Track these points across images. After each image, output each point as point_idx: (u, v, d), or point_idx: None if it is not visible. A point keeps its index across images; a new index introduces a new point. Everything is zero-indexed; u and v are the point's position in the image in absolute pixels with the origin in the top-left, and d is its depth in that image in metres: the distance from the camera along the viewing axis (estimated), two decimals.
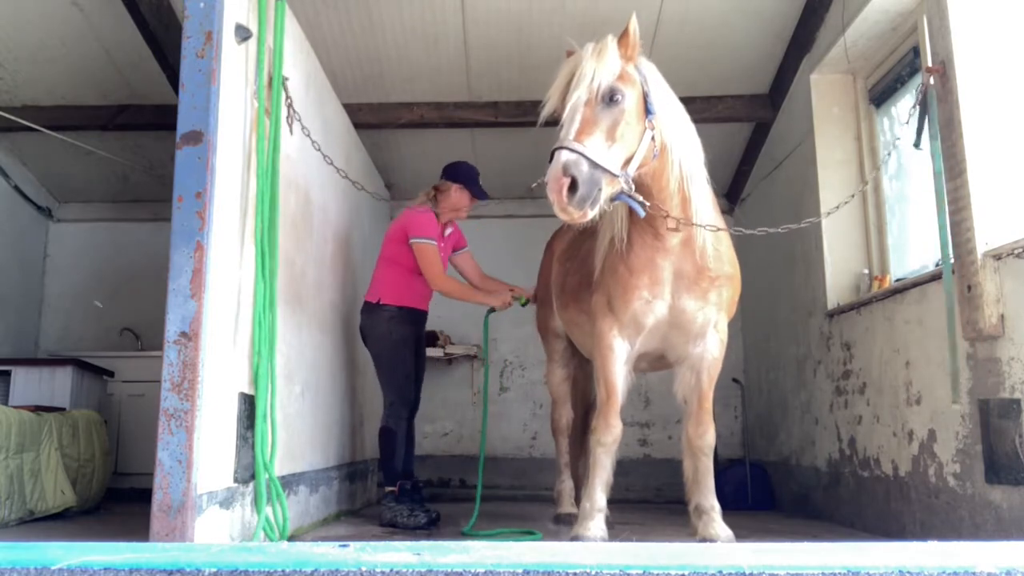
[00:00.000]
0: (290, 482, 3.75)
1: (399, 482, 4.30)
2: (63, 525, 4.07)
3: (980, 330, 3.11)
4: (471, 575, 1.31)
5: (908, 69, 4.24)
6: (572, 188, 2.75)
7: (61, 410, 4.63)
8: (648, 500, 6.06)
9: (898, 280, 4.18)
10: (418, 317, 4.60)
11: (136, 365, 5.76)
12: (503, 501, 5.82)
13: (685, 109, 3.30)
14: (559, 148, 2.81)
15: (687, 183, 3.22)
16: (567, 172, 2.75)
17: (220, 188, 3.00)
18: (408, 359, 4.48)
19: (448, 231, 4.65)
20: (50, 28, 4.93)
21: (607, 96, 2.90)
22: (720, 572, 1.31)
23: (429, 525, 4.20)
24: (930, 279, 3.60)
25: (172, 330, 2.80)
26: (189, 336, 2.79)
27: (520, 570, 1.32)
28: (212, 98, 2.95)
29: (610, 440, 3.44)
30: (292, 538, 3.57)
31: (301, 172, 4.03)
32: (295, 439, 3.88)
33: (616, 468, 3.50)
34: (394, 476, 4.33)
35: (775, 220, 4.58)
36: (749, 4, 4.76)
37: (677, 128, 3.18)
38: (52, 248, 6.78)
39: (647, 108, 3.03)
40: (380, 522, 4.31)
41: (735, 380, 6.31)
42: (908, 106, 3.70)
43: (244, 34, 3.24)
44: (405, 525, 4.16)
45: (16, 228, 6.37)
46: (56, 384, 5.00)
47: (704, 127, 3.47)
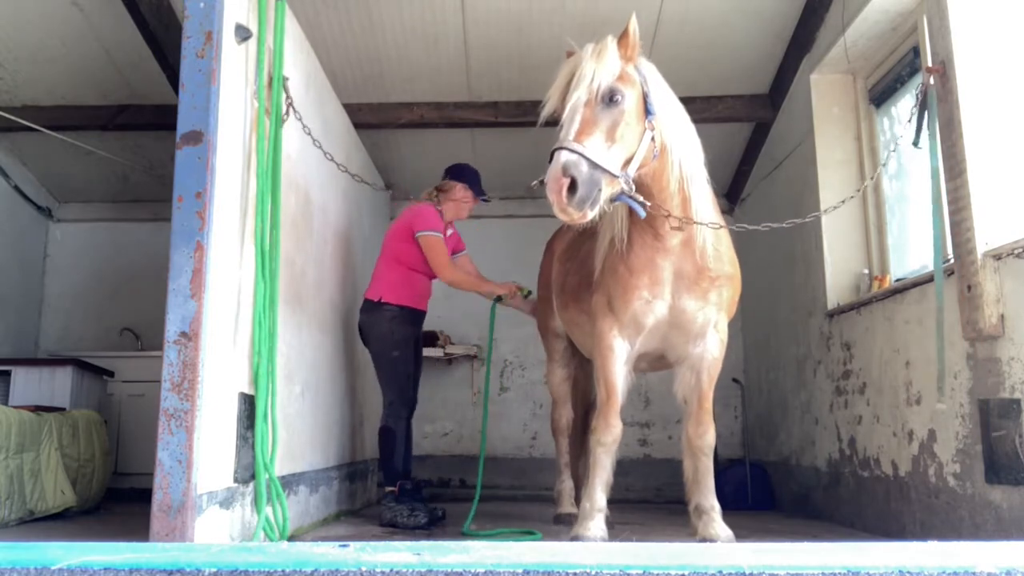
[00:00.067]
0: (290, 482, 3.75)
1: (399, 482, 4.30)
2: (63, 525, 4.07)
3: (980, 330, 3.11)
4: (471, 575, 1.31)
5: (908, 69, 4.24)
6: (572, 188, 2.74)
7: (61, 410, 4.63)
8: (648, 500, 6.06)
9: (898, 280, 4.18)
10: (419, 317, 4.60)
11: (136, 365, 5.76)
12: (503, 501, 5.82)
13: (685, 109, 3.29)
14: (559, 148, 2.81)
15: (687, 183, 3.21)
16: (567, 172, 2.74)
17: (220, 188, 3.00)
18: (409, 359, 4.49)
19: (449, 232, 4.65)
20: (50, 28, 4.93)
21: (607, 96, 2.90)
22: (720, 572, 1.31)
23: (429, 525, 4.20)
24: (930, 279, 3.59)
25: (172, 330, 2.80)
26: (189, 336, 2.79)
27: (520, 570, 1.32)
28: (212, 98, 2.95)
29: (610, 440, 3.44)
30: (292, 538, 3.57)
31: (301, 172, 4.03)
32: (295, 439, 3.88)
33: (616, 468, 3.50)
34: (394, 476, 4.33)
35: (775, 220, 4.58)
36: (749, 4, 4.76)
37: (677, 128, 3.18)
38: (52, 248, 6.78)
39: (647, 108, 3.02)
40: (380, 522, 4.30)
41: (735, 380, 6.31)
42: (908, 106, 3.70)
43: (244, 34, 3.24)
44: (405, 525, 4.16)
45: (16, 228, 6.37)
46: (56, 384, 5.00)
47: (704, 127, 3.47)
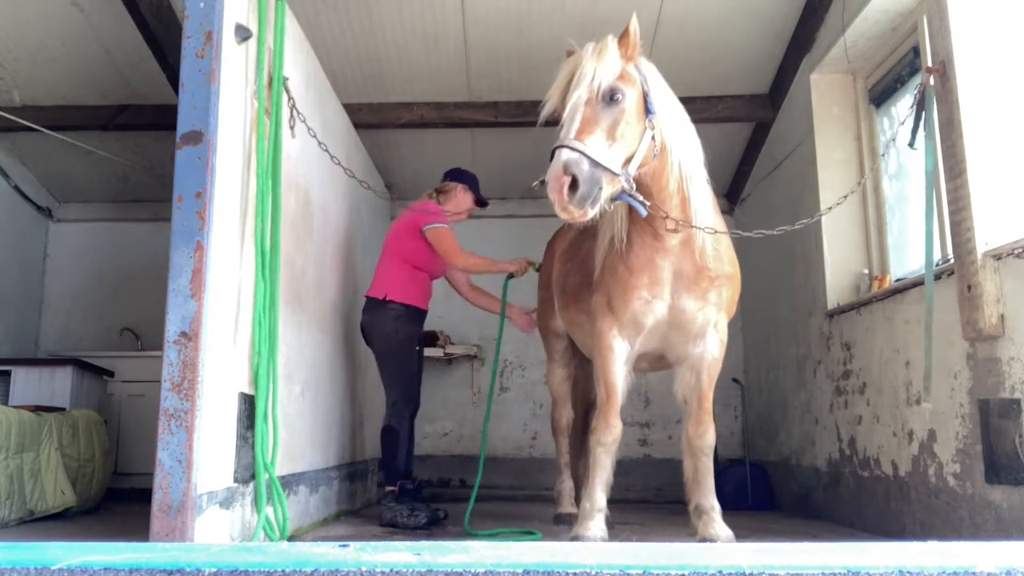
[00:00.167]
0: (290, 482, 3.75)
1: (400, 482, 4.30)
2: (63, 525, 4.07)
3: (980, 330, 3.11)
4: (471, 575, 1.31)
5: (908, 69, 4.24)
6: (573, 187, 2.74)
7: (61, 410, 4.63)
8: (648, 500, 6.06)
9: (898, 280, 4.18)
10: (422, 316, 4.61)
11: (136, 365, 5.76)
12: (503, 501, 5.82)
13: (685, 109, 3.29)
14: (560, 147, 2.81)
15: (687, 183, 3.21)
16: (568, 171, 2.74)
17: (220, 188, 3.00)
18: (413, 358, 4.49)
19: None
20: (50, 28, 4.93)
21: (608, 95, 2.90)
22: (720, 572, 1.31)
23: (429, 525, 4.19)
24: None
25: (172, 330, 2.80)
26: (189, 336, 2.79)
27: (520, 570, 1.31)
28: (212, 98, 2.95)
29: (610, 440, 3.44)
30: (292, 538, 3.57)
31: (301, 172, 4.03)
32: (295, 439, 3.88)
33: (616, 468, 3.50)
34: (395, 476, 4.32)
35: (775, 220, 4.58)
36: (749, 4, 4.76)
37: (677, 128, 3.18)
38: (52, 248, 6.79)
39: (647, 108, 3.02)
40: (380, 522, 4.30)
41: (735, 380, 6.31)
42: (908, 106, 3.69)
43: (244, 34, 3.24)
44: (405, 525, 4.16)
45: (16, 228, 6.37)
46: (56, 384, 5.00)
47: (704, 127, 3.47)
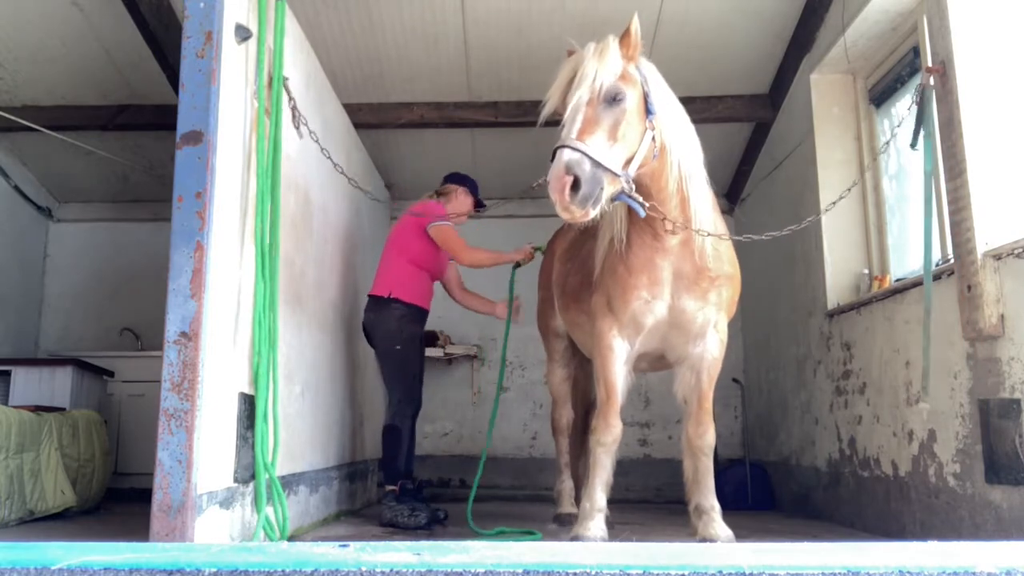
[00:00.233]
0: (290, 482, 3.75)
1: (400, 482, 4.30)
2: (63, 525, 4.07)
3: (980, 330, 3.11)
4: (471, 575, 1.31)
5: (908, 69, 4.24)
6: (575, 187, 2.73)
7: (61, 410, 4.63)
8: (648, 500, 6.06)
9: (898, 280, 4.18)
10: (424, 316, 4.62)
11: (136, 365, 5.76)
12: (503, 501, 5.82)
13: (685, 109, 3.29)
14: (561, 147, 2.80)
15: (686, 184, 3.21)
16: (570, 171, 2.73)
17: (220, 188, 3.00)
18: (417, 358, 4.50)
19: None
20: (50, 28, 4.93)
21: (609, 96, 2.89)
22: (720, 572, 1.31)
23: (430, 525, 4.19)
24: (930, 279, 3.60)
25: (172, 330, 2.80)
26: (189, 336, 2.79)
27: (520, 570, 1.31)
28: (212, 98, 2.95)
29: (610, 440, 3.44)
30: (292, 538, 3.57)
31: (301, 172, 4.03)
32: (295, 439, 3.87)
33: (616, 468, 3.50)
34: (396, 475, 4.32)
35: (775, 220, 4.59)
36: (749, 4, 4.76)
37: (677, 129, 3.18)
38: (52, 248, 6.79)
39: (647, 108, 3.02)
40: (380, 521, 4.30)
41: (735, 380, 6.30)
42: (907, 106, 3.69)
43: (244, 34, 3.24)
44: (406, 525, 4.16)
45: (16, 228, 6.37)
46: (56, 384, 5.00)
47: (704, 127, 3.46)
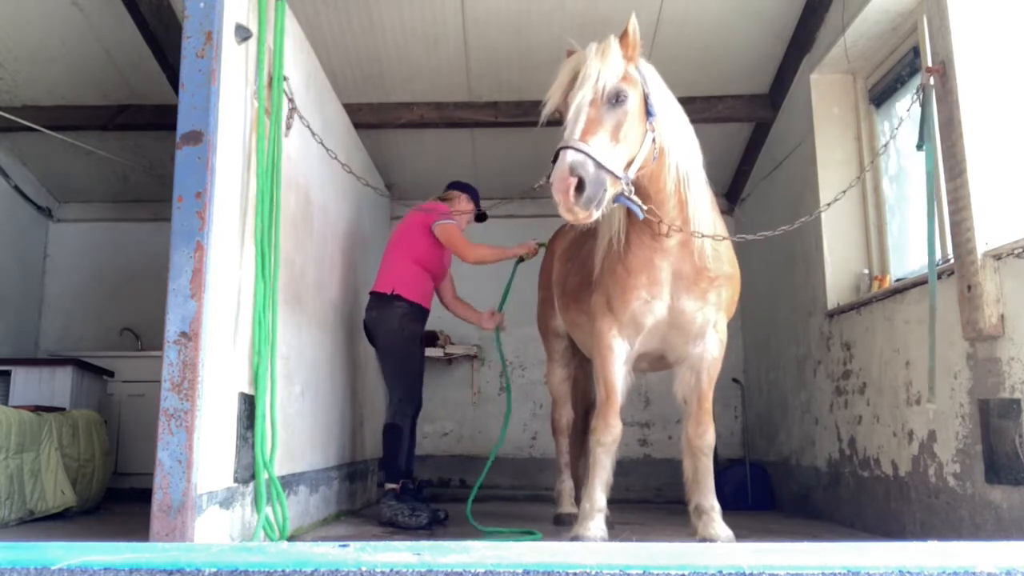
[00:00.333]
0: (290, 482, 3.75)
1: (402, 481, 4.30)
2: (63, 525, 4.07)
3: (980, 330, 3.11)
4: (471, 575, 1.31)
5: (908, 69, 4.24)
6: (579, 188, 2.72)
7: (61, 410, 4.63)
8: (648, 500, 6.06)
9: (898, 280, 4.18)
10: (425, 315, 4.64)
11: (136, 365, 5.76)
12: (503, 501, 5.82)
13: (685, 109, 3.29)
14: (565, 148, 2.78)
15: (684, 185, 3.20)
16: (574, 172, 2.72)
17: (220, 188, 3.00)
18: (417, 357, 4.51)
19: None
20: (50, 28, 4.93)
21: (612, 97, 2.88)
22: (720, 572, 1.31)
23: (430, 525, 4.18)
24: None
25: (172, 330, 2.80)
26: (189, 336, 2.79)
27: (520, 570, 1.31)
28: (212, 98, 2.95)
29: (610, 440, 3.44)
30: (292, 538, 3.56)
31: (301, 172, 4.03)
32: (295, 439, 3.87)
33: (616, 468, 3.50)
34: (396, 474, 4.31)
35: (775, 220, 4.58)
36: (749, 4, 4.76)
37: (676, 130, 3.17)
38: (52, 248, 6.79)
39: (648, 110, 3.01)
40: (379, 520, 4.29)
41: (735, 380, 6.30)
42: (908, 106, 3.69)
43: (244, 34, 3.24)
44: (407, 525, 4.15)
45: (16, 228, 6.37)
46: (56, 384, 5.00)
47: (704, 127, 3.47)
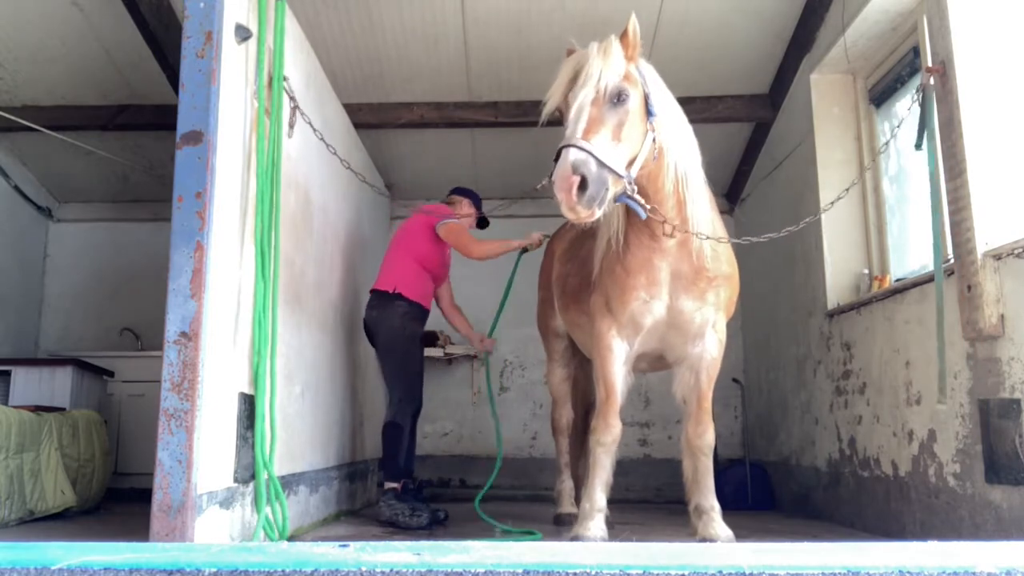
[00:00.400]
0: (290, 482, 3.75)
1: (403, 480, 4.29)
2: (63, 525, 4.07)
3: (980, 330, 3.11)
4: (471, 575, 1.31)
5: (908, 69, 4.24)
6: (582, 187, 2.71)
7: (61, 410, 4.63)
8: (648, 500, 6.06)
9: (898, 280, 4.18)
10: (425, 316, 4.65)
11: (136, 365, 5.76)
12: (503, 501, 5.81)
13: (685, 109, 3.29)
14: (567, 146, 2.77)
15: (683, 186, 3.20)
16: (577, 170, 2.71)
17: (220, 188, 3.00)
18: (417, 357, 4.52)
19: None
20: (50, 28, 4.93)
21: (614, 96, 2.88)
22: (720, 572, 1.31)
23: (430, 525, 4.18)
24: (930, 279, 3.59)
25: (172, 330, 2.80)
26: (189, 336, 2.79)
27: (520, 570, 1.31)
28: (212, 98, 2.95)
29: (609, 440, 3.44)
30: (292, 538, 3.56)
31: (301, 172, 4.03)
32: (295, 439, 3.88)
33: (616, 468, 3.50)
34: (396, 473, 4.31)
35: (775, 220, 4.59)
36: (749, 4, 4.76)
37: (675, 130, 3.17)
38: (52, 248, 6.79)
39: (648, 110, 3.01)
40: (379, 519, 4.28)
41: (735, 380, 6.30)
42: (908, 106, 3.69)
43: (244, 34, 3.24)
44: (407, 525, 4.15)
45: (16, 228, 6.37)
46: (56, 384, 5.00)
47: (704, 127, 3.47)
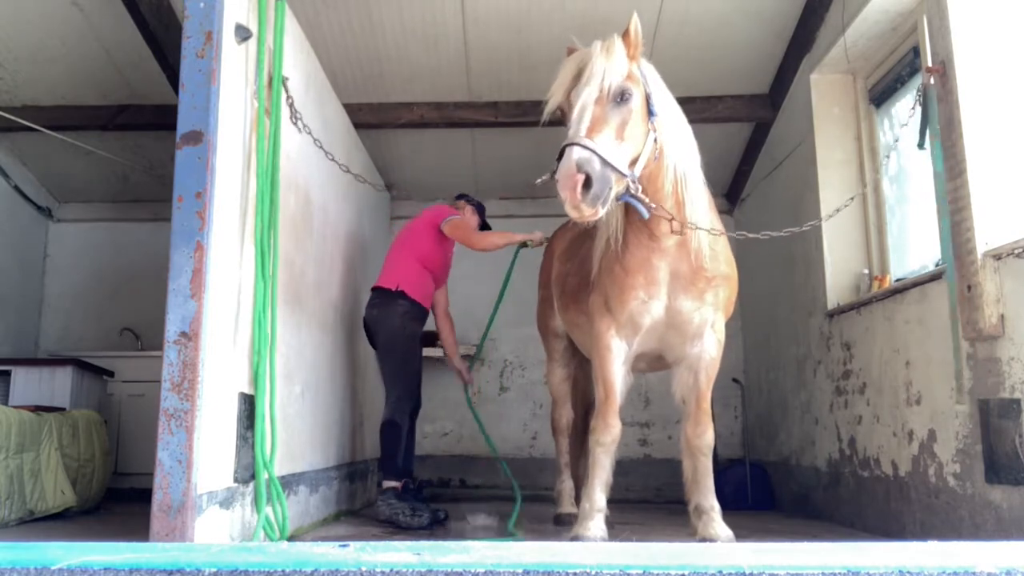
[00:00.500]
0: (290, 482, 3.75)
1: (404, 480, 4.29)
2: (63, 525, 4.07)
3: (980, 330, 3.10)
4: (471, 575, 1.31)
5: (908, 69, 4.24)
6: (586, 185, 2.71)
7: (61, 410, 4.63)
8: (648, 500, 6.06)
9: (898, 280, 4.18)
10: (425, 316, 4.67)
11: (136, 365, 5.76)
12: (503, 501, 5.80)
13: (685, 109, 3.29)
14: (571, 144, 2.77)
15: (682, 186, 3.20)
16: (581, 169, 2.71)
17: (220, 188, 3.01)
18: (416, 356, 4.52)
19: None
20: (50, 28, 4.93)
21: (617, 95, 2.88)
22: (720, 572, 1.31)
23: (431, 525, 4.18)
24: (930, 279, 3.59)
25: (172, 330, 2.80)
26: (189, 336, 2.79)
27: (520, 570, 1.31)
28: (212, 98, 2.95)
29: (609, 440, 3.44)
30: (292, 538, 3.56)
31: (301, 172, 4.03)
32: (295, 439, 3.87)
33: (616, 468, 3.50)
34: (396, 472, 4.31)
35: (775, 220, 4.59)
36: (749, 4, 4.76)
37: (675, 130, 3.18)
38: (52, 248, 6.79)
39: (650, 109, 3.01)
40: (377, 518, 4.26)
41: (735, 380, 6.30)
42: (908, 106, 3.69)
43: (244, 34, 3.24)
44: (408, 525, 4.14)
45: (16, 228, 6.37)
46: (56, 384, 5.00)
47: (704, 127, 3.47)
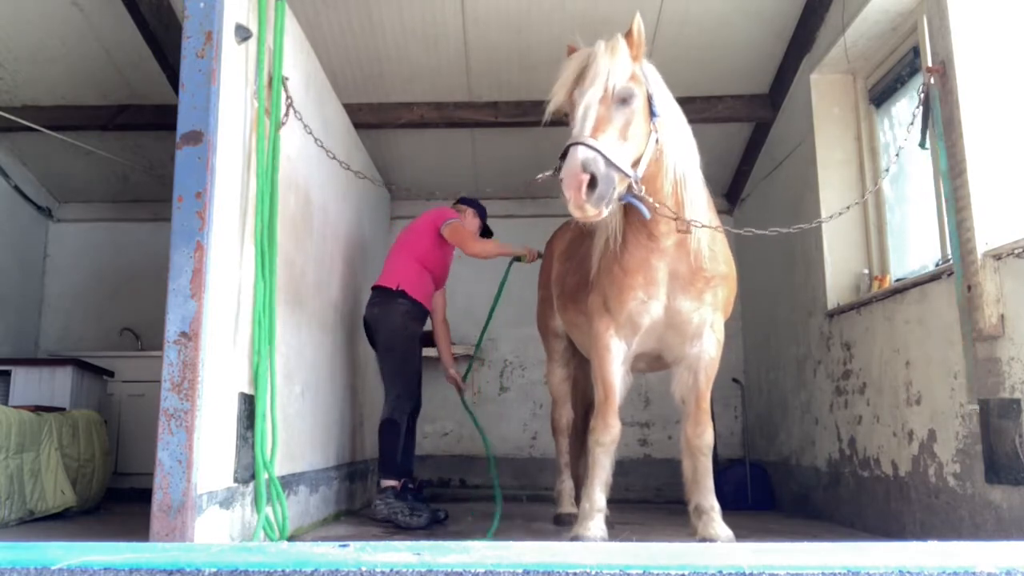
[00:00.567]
0: (290, 482, 3.75)
1: (403, 480, 4.29)
2: (63, 525, 4.07)
3: (980, 330, 3.10)
4: (471, 575, 1.31)
5: (908, 69, 4.24)
6: (591, 185, 2.71)
7: (61, 410, 4.63)
8: (648, 500, 6.06)
9: (898, 280, 4.18)
10: (425, 316, 4.67)
11: (136, 365, 5.76)
12: (503, 501, 5.80)
13: (685, 109, 3.29)
14: (575, 144, 2.77)
15: (681, 187, 3.20)
16: (586, 168, 2.71)
17: (220, 188, 3.01)
18: (416, 356, 4.52)
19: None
20: (50, 28, 4.93)
21: (621, 95, 2.88)
22: (720, 572, 1.31)
23: (430, 525, 4.18)
24: (930, 279, 3.59)
25: (172, 330, 2.80)
26: (189, 336, 2.79)
27: (520, 570, 1.31)
28: (212, 98, 2.95)
29: (608, 440, 3.44)
30: (292, 538, 3.57)
31: (301, 172, 4.03)
32: (295, 439, 3.88)
33: (616, 468, 3.50)
34: (395, 471, 4.30)
35: (775, 220, 4.58)
36: (749, 4, 4.76)
37: (675, 131, 3.17)
38: (52, 248, 6.79)
39: (651, 110, 3.01)
40: (375, 517, 4.24)
41: (735, 380, 6.30)
42: (908, 106, 3.69)
43: (244, 34, 3.24)
44: (407, 524, 4.14)
45: (16, 228, 6.37)
46: (56, 384, 5.00)
47: (704, 127, 3.47)
